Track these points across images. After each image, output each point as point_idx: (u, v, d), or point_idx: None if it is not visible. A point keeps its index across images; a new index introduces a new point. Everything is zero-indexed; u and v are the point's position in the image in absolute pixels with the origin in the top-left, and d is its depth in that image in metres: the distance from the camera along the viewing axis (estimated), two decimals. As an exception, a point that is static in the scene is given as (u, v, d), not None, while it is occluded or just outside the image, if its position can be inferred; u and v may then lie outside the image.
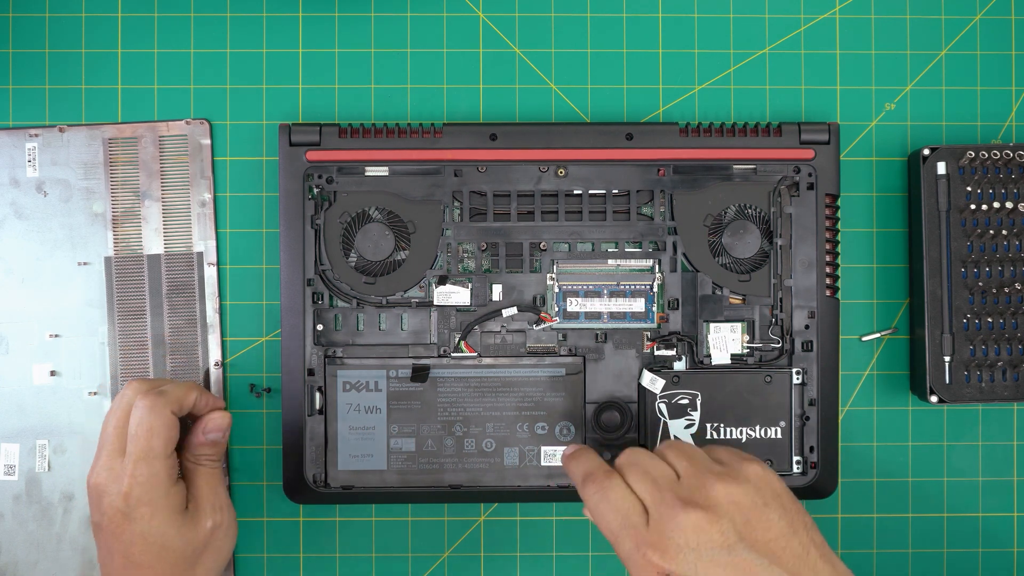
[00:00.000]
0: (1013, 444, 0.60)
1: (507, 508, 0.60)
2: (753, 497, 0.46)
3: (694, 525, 0.44)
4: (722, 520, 0.45)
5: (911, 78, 0.60)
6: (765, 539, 0.45)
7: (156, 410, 0.50)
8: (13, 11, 0.60)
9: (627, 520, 0.46)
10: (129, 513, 0.49)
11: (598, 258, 0.58)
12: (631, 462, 0.48)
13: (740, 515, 0.45)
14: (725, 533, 0.44)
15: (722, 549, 0.44)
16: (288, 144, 0.57)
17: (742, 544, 0.44)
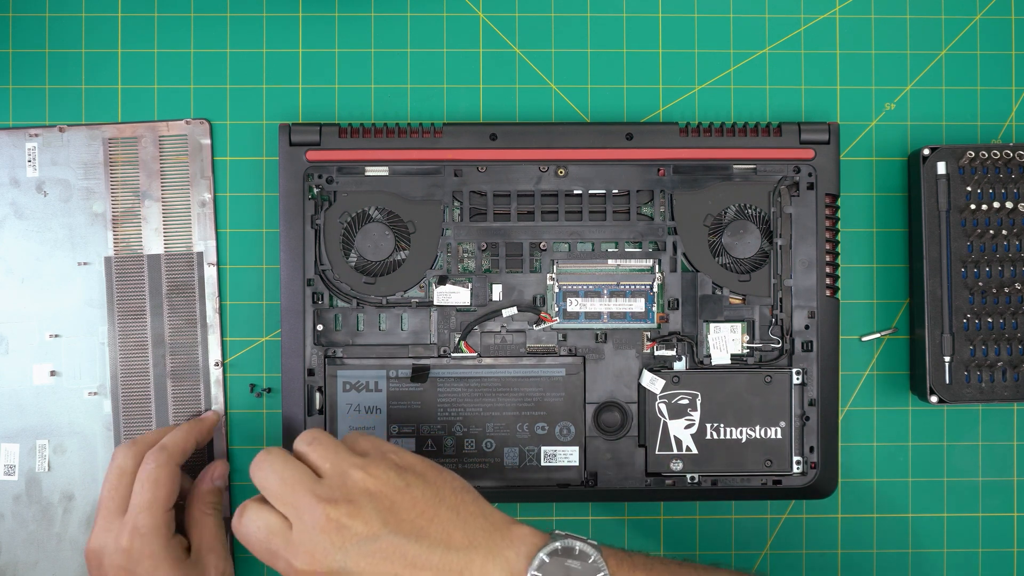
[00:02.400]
0: (1013, 444, 0.60)
1: (507, 508, 0.60)
2: (395, 481, 0.46)
3: (335, 523, 0.45)
4: (364, 510, 0.45)
5: (911, 78, 0.61)
6: (411, 518, 0.45)
7: (162, 465, 0.52)
8: (13, 11, 0.60)
9: (269, 540, 0.46)
10: (131, 568, 0.50)
11: (598, 258, 0.58)
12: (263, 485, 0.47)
13: (384, 500, 0.45)
14: (369, 523, 0.45)
15: (367, 539, 0.44)
16: (288, 144, 0.57)
17: (386, 529, 0.45)
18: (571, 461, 0.57)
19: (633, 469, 0.57)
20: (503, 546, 0.45)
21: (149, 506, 0.50)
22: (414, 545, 0.45)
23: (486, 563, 0.45)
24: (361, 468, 0.46)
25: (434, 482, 0.47)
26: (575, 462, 0.57)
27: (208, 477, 0.55)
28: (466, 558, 0.45)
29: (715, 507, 0.60)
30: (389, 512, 0.45)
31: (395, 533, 0.45)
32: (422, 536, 0.45)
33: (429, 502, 0.46)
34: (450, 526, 0.46)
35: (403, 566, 0.44)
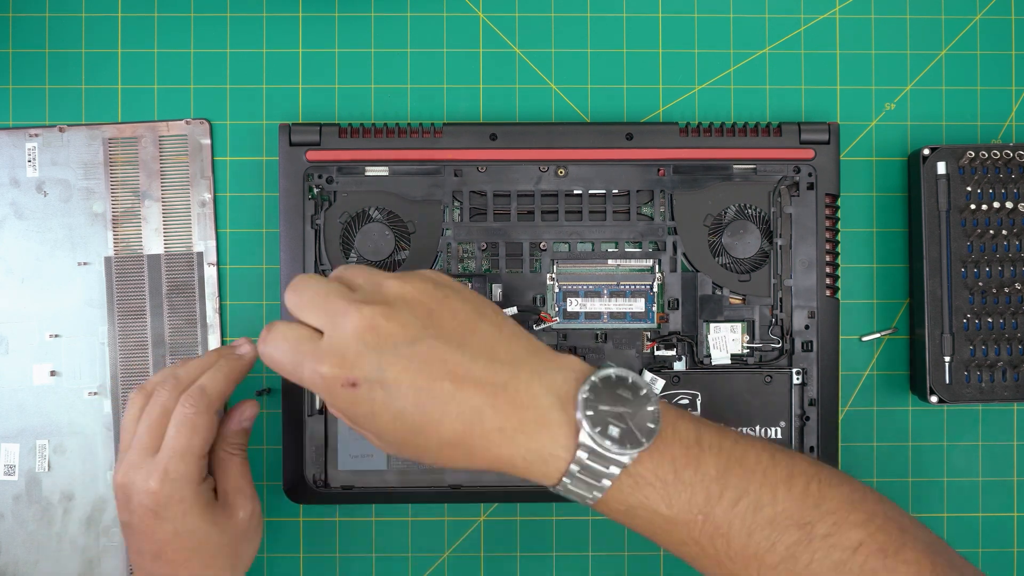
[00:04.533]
0: (1013, 444, 0.60)
1: (507, 508, 0.60)
2: (432, 290, 0.43)
3: (369, 323, 0.41)
4: (401, 313, 0.41)
5: (911, 78, 0.61)
6: (452, 325, 0.42)
7: (201, 412, 0.49)
8: (13, 11, 0.60)
9: (297, 349, 0.42)
10: (160, 512, 0.48)
11: (598, 258, 0.58)
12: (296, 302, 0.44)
13: (422, 307, 0.42)
14: (406, 325, 0.41)
15: (405, 342, 0.41)
16: (288, 144, 0.57)
17: (426, 333, 0.41)
18: (571, 461, 0.57)
19: (633, 469, 0.57)
20: (550, 368, 0.42)
21: (184, 453, 0.48)
22: (456, 352, 0.41)
23: (532, 381, 0.42)
24: (396, 278, 0.43)
25: (472, 300, 0.43)
26: (575, 462, 0.57)
27: (236, 418, 0.52)
28: (511, 372, 0.41)
29: (715, 507, 0.60)
30: (428, 318, 0.42)
31: (436, 338, 0.41)
32: (464, 344, 0.41)
33: (470, 315, 0.43)
34: (493, 340, 0.42)
35: (443, 374, 0.41)
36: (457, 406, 0.41)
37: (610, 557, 0.60)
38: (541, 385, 0.42)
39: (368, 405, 0.41)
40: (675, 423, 0.43)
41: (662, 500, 0.42)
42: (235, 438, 0.52)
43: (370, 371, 0.41)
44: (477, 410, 0.41)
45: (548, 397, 0.41)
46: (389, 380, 0.41)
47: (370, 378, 0.41)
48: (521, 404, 0.41)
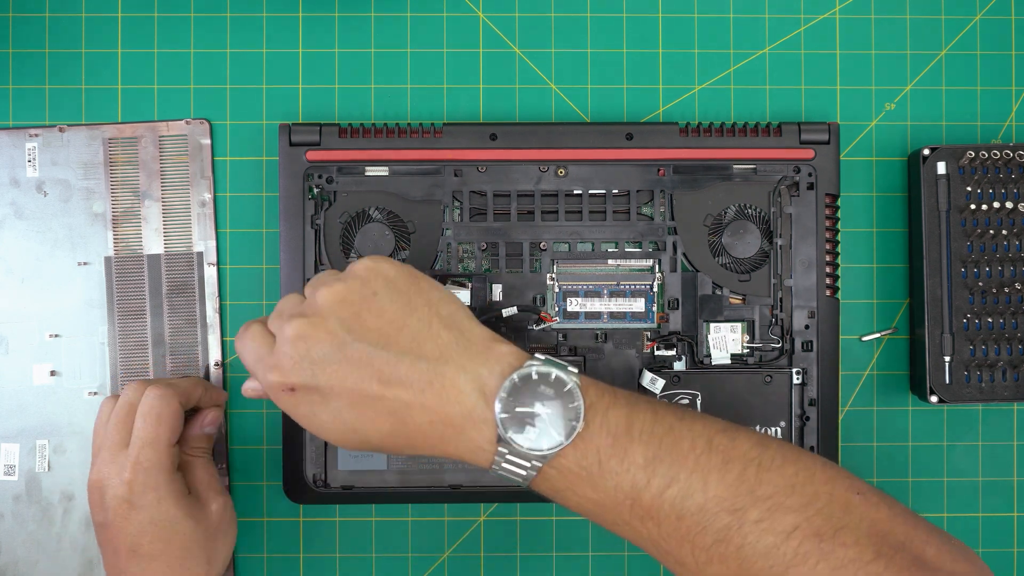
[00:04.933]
0: (1013, 444, 0.60)
1: (507, 508, 0.60)
2: (359, 290, 0.44)
3: (299, 333, 0.43)
4: (327, 320, 0.43)
5: (911, 78, 0.61)
6: (377, 326, 0.44)
7: (166, 399, 0.51)
8: (13, 11, 0.60)
9: (256, 354, 0.45)
10: (134, 501, 0.49)
11: (598, 258, 0.58)
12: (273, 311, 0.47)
13: (347, 311, 0.44)
14: (332, 332, 0.43)
15: (332, 348, 0.43)
16: (288, 144, 0.57)
17: (351, 337, 0.43)
18: (571, 461, 0.57)
19: (633, 469, 0.57)
20: (478, 363, 0.43)
21: (152, 441, 0.50)
22: (381, 352, 0.43)
23: (457, 376, 0.43)
24: (328, 283, 0.45)
25: (405, 291, 0.45)
26: (575, 462, 0.57)
27: (199, 423, 0.54)
28: (436, 370, 0.43)
29: (715, 507, 0.60)
30: (354, 319, 0.44)
31: (360, 340, 0.43)
32: (389, 344, 0.43)
33: (398, 311, 0.44)
34: (420, 336, 0.44)
35: (370, 375, 0.43)
36: (386, 404, 0.43)
37: (610, 557, 0.60)
38: (466, 381, 0.43)
39: (308, 407, 0.44)
40: (606, 411, 0.43)
41: (588, 487, 0.43)
42: (198, 442, 0.54)
43: (304, 378, 0.43)
44: (406, 406, 0.43)
45: (473, 394, 0.43)
46: (322, 385, 0.43)
47: (305, 384, 0.44)
48: (447, 399, 0.43)
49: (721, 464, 0.42)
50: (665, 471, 0.42)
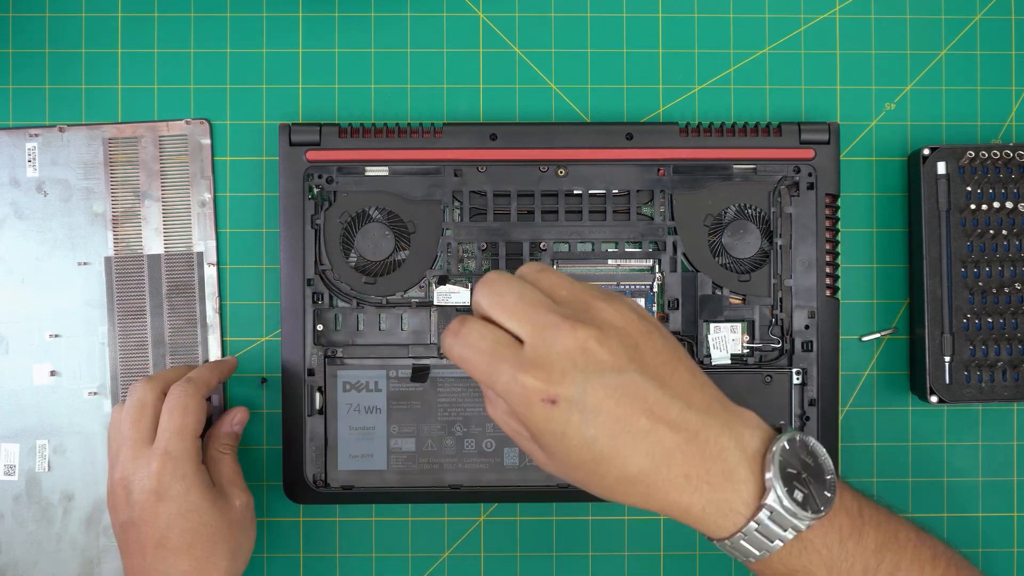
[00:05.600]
0: (1013, 444, 0.60)
1: (507, 508, 0.60)
2: (639, 323, 0.42)
3: (582, 344, 0.40)
4: (611, 340, 0.40)
5: (911, 78, 0.61)
6: (655, 363, 0.41)
7: (191, 393, 0.52)
8: (13, 11, 0.60)
9: (495, 353, 0.40)
10: (163, 492, 0.50)
11: (598, 258, 0.58)
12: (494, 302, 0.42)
13: (629, 338, 0.41)
14: (615, 354, 0.40)
15: (612, 371, 0.40)
16: (288, 144, 0.57)
17: (632, 367, 0.40)
18: (571, 461, 0.57)
19: (633, 469, 0.57)
20: (737, 422, 0.42)
21: (180, 431, 0.51)
22: (656, 391, 0.40)
23: (722, 433, 0.41)
24: (605, 300, 0.42)
25: (671, 340, 0.43)
26: (575, 462, 0.57)
27: (228, 421, 0.56)
28: (703, 422, 0.41)
29: (715, 507, 0.60)
30: (635, 350, 0.41)
31: (640, 372, 0.40)
32: (665, 384, 0.41)
33: (671, 354, 0.42)
34: (689, 385, 0.42)
35: (641, 411, 0.40)
36: (649, 444, 0.40)
37: (610, 557, 0.60)
38: (731, 439, 0.41)
39: (562, 425, 0.40)
40: (841, 493, 0.43)
41: (824, 566, 0.43)
42: (226, 439, 0.55)
43: (573, 392, 0.40)
44: (668, 452, 0.40)
45: (736, 452, 0.41)
46: (589, 405, 0.40)
47: (571, 399, 0.40)
48: (710, 454, 0.41)
49: (931, 558, 0.44)
50: (891, 557, 0.43)
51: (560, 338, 0.40)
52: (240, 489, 0.54)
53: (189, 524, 0.50)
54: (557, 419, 0.40)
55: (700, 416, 0.41)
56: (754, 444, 0.42)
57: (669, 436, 0.40)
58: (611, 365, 0.40)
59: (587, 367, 0.40)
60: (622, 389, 0.40)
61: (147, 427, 0.52)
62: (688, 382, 0.42)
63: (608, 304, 0.42)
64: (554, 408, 0.40)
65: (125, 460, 0.51)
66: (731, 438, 0.41)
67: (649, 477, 0.40)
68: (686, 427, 0.41)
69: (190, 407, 0.52)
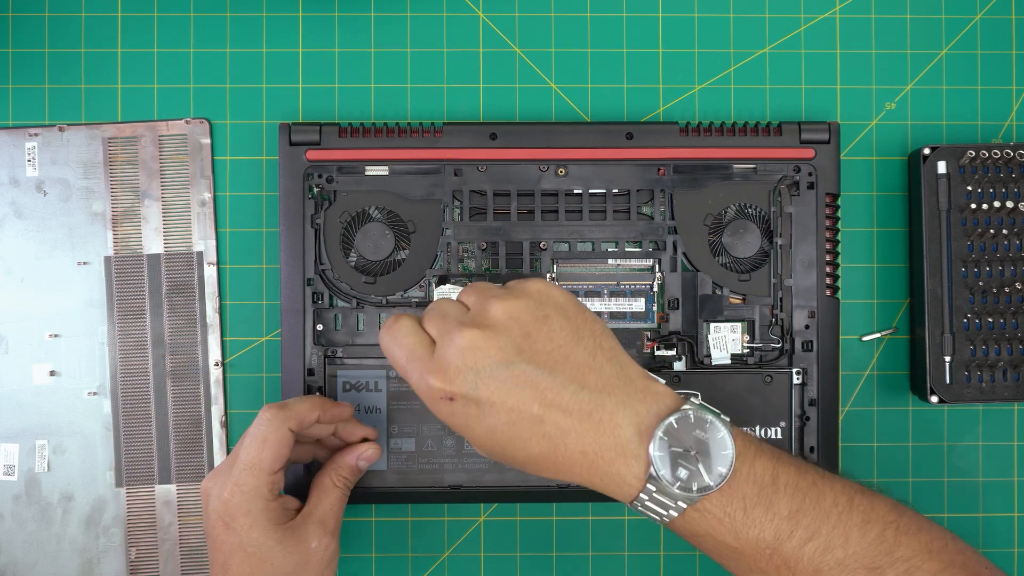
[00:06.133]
0: (1013, 444, 0.60)
1: (507, 508, 0.60)
2: (533, 311, 0.45)
3: (470, 344, 0.44)
4: (499, 336, 0.44)
5: (911, 78, 0.61)
6: (547, 350, 0.44)
7: (274, 424, 0.50)
8: (13, 11, 0.60)
9: (412, 353, 0.45)
10: (228, 522, 0.49)
11: (598, 258, 0.58)
12: (426, 313, 0.47)
13: (519, 329, 0.44)
14: (503, 348, 0.44)
15: (500, 364, 0.44)
16: (288, 144, 0.57)
17: (520, 358, 0.44)
18: (571, 461, 0.57)
19: (633, 469, 0.57)
20: (636, 399, 0.44)
21: (252, 466, 0.49)
22: (547, 377, 0.44)
23: (616, 410, 0.44)
24: (501, 299, 0.45)
25: (574, 319, 0.45)
26: (575, 462, 0.57)
27: (355, 453, 0.54)
28: (598, 401, 0.44)
29: (715, 507, 0.60)
30: (524, 340, 0.44)
31: (529, 362, 0.44)
32: (556, 370, 0.44)
33: (566, 338, 0.45)
34: (585, 367, 0.44)
35: (533, 397, 0.44)
36: (543, 428, 0.44)
37: (610, 557, 0.60)
38: (624, 415, 0.44)
39: (463, 418, 0.44)
40: (753, 461, 0.44)
41: (729, 533, 0.44)
42: (346, 471, 0.53)
43: (467, 388, 0.44)
44: (563, 432, 0.44)
45: (629, 428, 0.44)
46: (483, 398, 0.44)
47: (466, 395, 0.44)
48: (603, 431, 0.44)
49: (861, 523, 0.44)
50: (808, 524, 0.44)
51: (455, 341, 0.44)
52: (326, 531, 0.51)
53: (249, 559, 0.49)
54: (458, 413, 0.44)
55: (594, 396, 0.44)
56: (648, 420, 0.44)
57: (562, 418, 0.44)
58: (499, 359, 0.44)
59: (476, 364, 0.44)
60: (512, 380, 0.44)
61: None
62: (584, 363, 0.45)
63: (502, 301, 0.45)
64: (453, 404, 0.44)
65: (214, 473, 0.51)
66: (625, 415, 0.44)
67: (550, 456, 0.44)
68: (578, 408, 0.44)
69: (270, 440, 0.49)
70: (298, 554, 0.50)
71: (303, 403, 0.52)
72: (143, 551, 0.59)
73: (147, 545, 0.59)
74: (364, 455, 0.54)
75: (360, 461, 0.54)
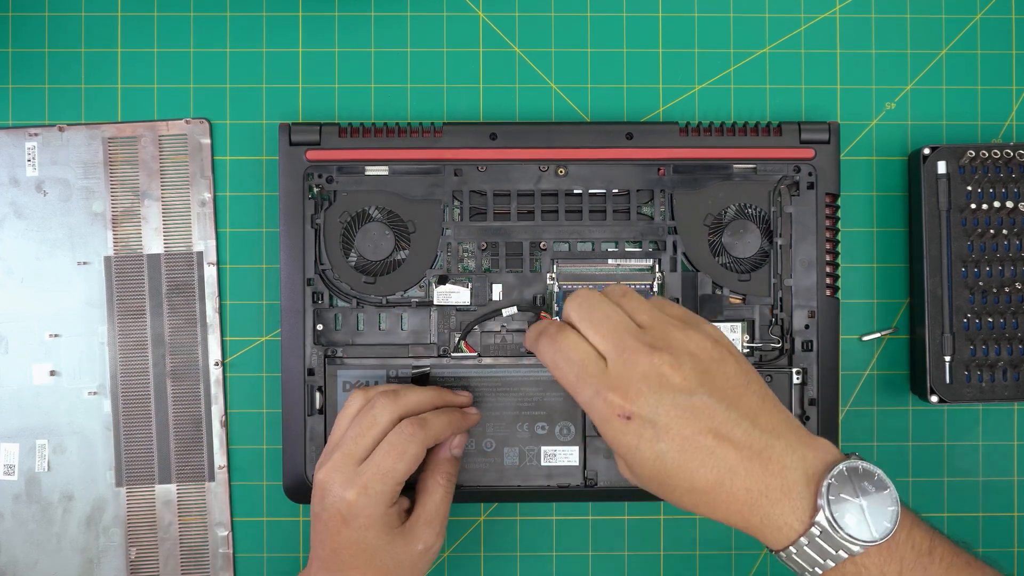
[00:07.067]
0: (1013, 444, 0.60)
1: (507, 508, 0.60)
2: (711, 350, 0.46)
3: (656, 369, 0.45)
4: (684, 366, 0.45)
5: (911, 77, 0.61)
6: (724, 387, 0.45)
7: (416, 439, 0.51)
8: (13, 11, 0.60)
9: (584, 369, 0.46)
10: (348, 520, 0.50)
11: (598, 258, 0.58)
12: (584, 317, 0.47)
13: (701, 364, 0.45)
14: (687, 378, 0.45)
15: (683, 393, 0.44)
16: (288, 144, 0.57)
17: (702, 389, 0.45)
18: (571, 461, 0.57)
19: (633, 469, 0.57)
20: (804, 445, 0.45)
21: (387, 474, 0.50)
22: (724, 411, 0.44)
23: (785, 453, 0.44)
24: (681, 329, 0.46)
25: (744, 365, 0.47)
26: (575, 462, 0.57)
27: (448, 445, 0.54)
28: (768, 441, 0.44)
29: (715, 507, 0.60)
30: (706, 375, 0.45)
31: (710, 395, 0.45)
32: (732, 406, 0.45)
33: (740, 379, 0.46)
34: (756, 408, 0.45)
35: (708, 429, 0.44)
36: (714, 460, 0.44)
37: (610, 557, 0.60)
38: (793, 458, 0.44)
39: (635, 439, 0.45)
40: (911, 528, 0.45)
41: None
42: (446, 466, 0.54)
43: (646, 410, 0.44)
44: (731, 468, 0.44)
45: (797, 471, 0.44)
46: (660, 423, 0.44)
47: (644, 416, 0.44)
48: (771, 471, 0.44)
49: None
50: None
51: (639, 362, 0.45)
52: (433, 533, 0.52)
53: (361, 554, 0.50)
54: (631, 432, 0.45)
55: (765, 436, 0.45)
56: (816, 466, 0.44)
57: (732, 453, 0.44)
58: (682, 387, 0.45)
59: (660, 389, 0.44)
60: (691, 410, 0.44)
61: (365, 447, 0.51)
62: (756, 404, 0.45)
63: (684, 332, 0.46)
64: (629, 423, 0.45)
65: (331, 466, 0.51)
66: (793, 457, 0.44)
67: (714, 490, 0.44)
68: (750, 445, 0.44)
69: (409, 454, 0.50)
70: (405, 555, 0.51)
71: (442, 421, 0.52)
72: (143, 551, 0.59)
73: (147, 545, 0.59)
74: (454, 444, 0.54)
75: (454, 451, 0.54)
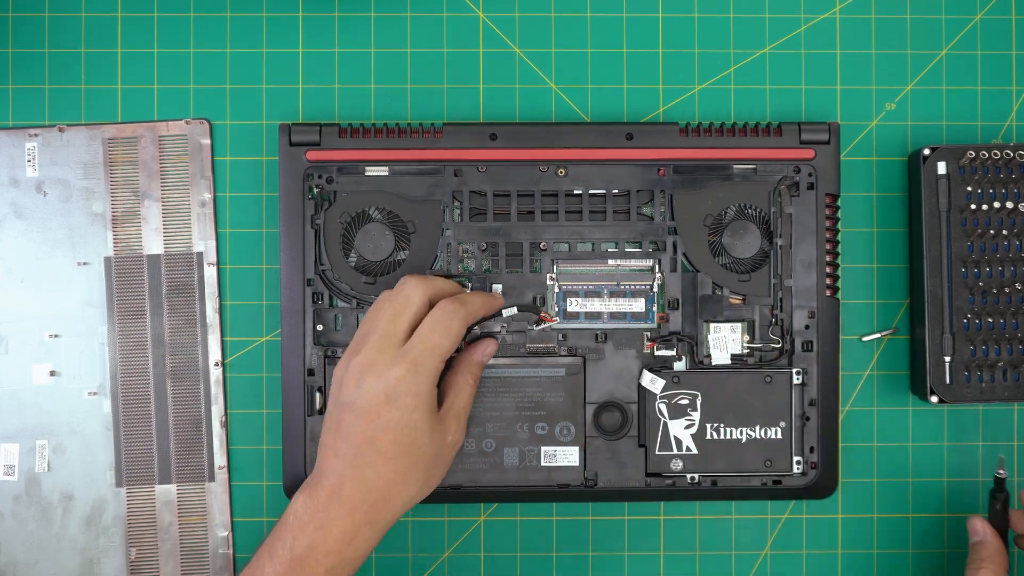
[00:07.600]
0: (1013, 444, 0.60)
1: (507, 508, 0.60)
2: None
3: None
4: None
5: (911, 78, 0.60)
6: None
7: (458, 318, 0.52)
8: (13, 11, 0.60)
9: None
10: (394, 399, 0.49)
11: (598, 258, 0.58)
12: None
13: None
14: None
15: None
16: (288, 144, 0.57)
17: None
18: (571, 461, 0.57)
19: (633, 469, 0.57)
20: None
21: (434, 350, 0.51)
22: None
23: None
24: None
25: None
26: (575, 462, 0.57)
27: (480, 350, 0.55)
28: None
29: (715, 507, 0.60)
30: None
31: None
32: None
33: None
34: None
35: None
36: None
37: (610, 557, 0.60)
38: None
39: None
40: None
41: None
42: (475, 367, 0.55)
43: None
44: None
45: None
46: None
47: None
48: None
49: None
50: None
51: None
52: (459, 426, 0.53)
53: (402, 439, 0.50)
54: None
55: None
56: None
57: None
58: None
59: None
60: None
61: (405, 327, 0.51)
62: None
63: None
64: None
65: (371, 348, 0.51)
66: None
67: None
68: None
69: (453, 330, 0.51)
70: (438, 444, 0.51)
71: (477, 302, 0.54)
72: (143, 551, 0.59)
73: (147, 545, 0.59)
74: (486, 351, 0.56)
75: (484, 356, 0.56)
